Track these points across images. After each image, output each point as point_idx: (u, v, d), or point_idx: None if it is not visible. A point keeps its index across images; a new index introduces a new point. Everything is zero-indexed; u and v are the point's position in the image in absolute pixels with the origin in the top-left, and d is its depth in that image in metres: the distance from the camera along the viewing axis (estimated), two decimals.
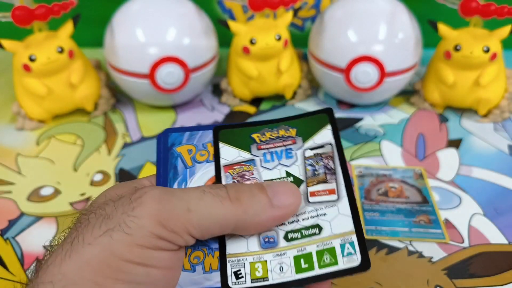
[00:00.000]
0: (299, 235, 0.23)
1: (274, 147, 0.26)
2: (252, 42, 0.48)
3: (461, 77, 0.48)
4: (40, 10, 0.47)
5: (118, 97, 0.55)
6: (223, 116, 0.53)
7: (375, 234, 0.38)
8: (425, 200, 0.41)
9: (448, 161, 0.46)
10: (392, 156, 0.46)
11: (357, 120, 0.51)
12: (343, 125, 0.50)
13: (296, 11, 0.51)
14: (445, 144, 0.48)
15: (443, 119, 0.51)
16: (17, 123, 0.50)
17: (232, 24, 0.49)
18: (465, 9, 0.47)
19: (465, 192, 0.42)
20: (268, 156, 0.26)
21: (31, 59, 0.46)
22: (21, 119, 0.50)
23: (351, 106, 0.54)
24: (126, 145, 0.48)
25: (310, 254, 0.23)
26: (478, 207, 0.40)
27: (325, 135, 0.26)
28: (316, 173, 0.25)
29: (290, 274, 0.23)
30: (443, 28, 0.48)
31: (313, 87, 0.56)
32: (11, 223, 0.39)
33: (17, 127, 0.50)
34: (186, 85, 0.50)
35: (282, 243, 0.23)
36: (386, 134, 0.49)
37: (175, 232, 0.21)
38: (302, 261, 0.23)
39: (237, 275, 0.23)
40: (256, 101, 0.55)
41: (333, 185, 0.24)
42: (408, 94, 0.54)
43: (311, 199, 0.24)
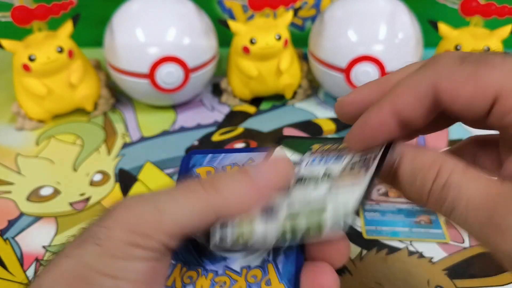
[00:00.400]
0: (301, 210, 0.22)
1: (327, 154, 0.25)
2: (252, 42, 0.48)
3: None
4: (39, 10, 0.47)
5: (118, 97, 0.55)
6: (223, 116, 0.53)
7: (376, 234, 0.38)
8: None
9: None
10: None
11: None
12: (343, 126, 0.50)
13: (296, 11, 0.51)
14: (445, 144, 0.48)
15: None
16: (17, 123, 0.50)
17: (232, 24, 0.49)
18: (465, 9, 0.47)
19: None
20: (317, 160, 0.25)
21: (31, 59, 0.46)
22: (20, 119, 0.50)
23: None
24: (126, 145, 0.48)
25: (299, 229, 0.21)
26: None
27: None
28: (352, 170, 0.24)
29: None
30: (443, 28, 0.48)
31: (313, 87, 0.56)
32: (11, 223, 0.39)
33: (16, 127, 0.50)
34: (186, 85, 0.50)
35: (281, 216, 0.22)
36: None
37: (148, 235, 0.19)
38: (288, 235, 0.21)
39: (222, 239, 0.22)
40: (256, 101, 0.54)
41: (358, 179, 0.23)
42: None
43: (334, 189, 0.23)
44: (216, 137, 0.49)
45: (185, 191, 0.21)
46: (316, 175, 0.24)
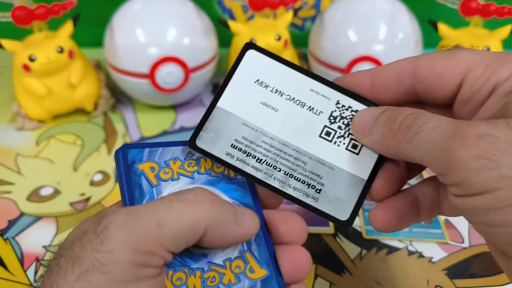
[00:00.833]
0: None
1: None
2: (252, 42, 0.48)
3: None
4: (40, 10, 0.47)
5: (118, 97, 0.55)
6: None
7: (375, 234, 0.38)
8: None
9: None
10: None
11: None
12: None
13: (296, 11, 0.51)
14: None
15: None
16: (17, 123, 0.50)
17: (232, 24, 0.49)
18: (465, 9, 0.47)
19: None
20: None
21: (31, 59, 0.46)
22: (20, 119, 0.50)
23: None
24: None
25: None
26: None
27: None
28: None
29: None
30: (443, 28, 0.48)
31: None
32: (11, 223, 0.39)
33: (16, 127, 0.50)
34: (186, 85, 0.50)
35: None
36: None
37: (152, 252, 0.19)
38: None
39: None
40: None
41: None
42: None
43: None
44: None
45: (182, 202, 0.21)
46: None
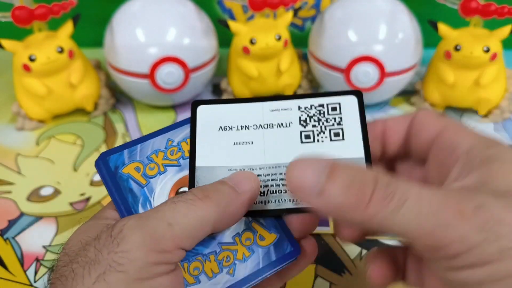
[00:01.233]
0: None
1: None
2: (252, 42, 0.48)
3: (461, 77, 0.48)
4: (40, 10, 0.47)
5: (118, 97, 0.55)
6: None
7: (375, 234, 0.38)
8: None
9: None
10: None
11: None
12: None
13: (296, 11, 0.51)
14: None
15: None
16: (17, 123, 0.50)
17: (232, 24, 0.49)
18: (465, 9, 0.47)
19: None
20: None
21: (31, 59, 0.46)
22: (21, 119, 0.50)
23: None
24: None
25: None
26: None
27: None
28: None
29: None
30: (443, 28, 0.48)
31: (313, 87, 0.56)
32: (11, 223, 0.39)
33: (17, 127, 0.50)
34: (186, 85, 0.50)
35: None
36: None
37: (167, 251, 0.20)
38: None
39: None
40: None
41: None
42: (408, 94, 0.54)
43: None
44: None
45: (184, 202, 0.22)
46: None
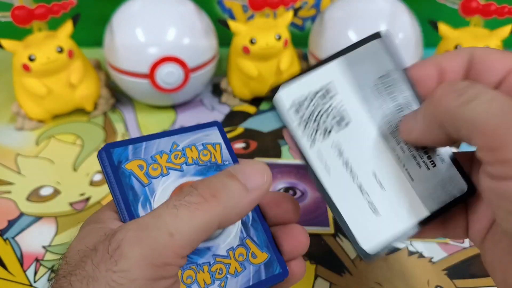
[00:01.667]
0: None
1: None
2: (252, 42, 0.48)
3: None
4: (39, 10, 0.47)
5: (118, 97, 0.55)
6: (223, 116, 0.53)
7: None
8: None
9: None
10: None
11: None
12: None
13: (296, 11, 0.51)
14: None
15: None
16: (17, 123, 0.50)
17: (232, 24, 0.49)
18: (465, 9, 0.47)
19: None
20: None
21: (31, 59, 0.46)
22: (20, 119, 0.50)
23: None
24: None
25: None
26: None
27: None
28: None
29: None
30: (443, 28, 0.48)
31: None
32: (11, 223, 0.39)
33: (16, 127, 0.50)
34: (186, 85, 0.50)
35: None
36: None
37: (168, 263, 0.19)
38: None
39: None
40: (256, 101, 0.54)
41: None
42: None
43: None
44: None
45: (188, 206, 0.20)
46: None
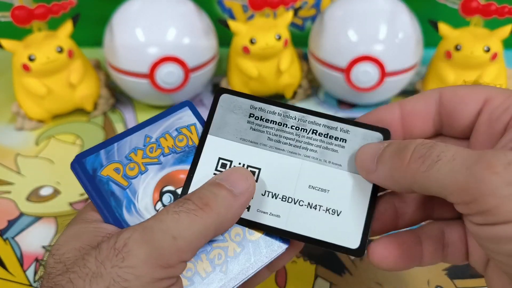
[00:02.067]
0: None
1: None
2: (252, 41, 0.48)
3: (461, 77, 0.48)
4: (39, 10, 0.47)
5: (118, 97, 0.55)
6: None
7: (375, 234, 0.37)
8: None
9: None
10: None
11: None
12: None
13: (296, 11, 0.51)
14: None
15: None
16: (17, 123, 0.50)
17: (232, 24, 0.49)
18: (465, 8, 0.47)
19: None
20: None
21: (31, 59, 0.46)
22: (20, 119, 0.50)
23: (351, 106, 0.54)
24: None
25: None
26: None
27: None
28: None
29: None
30: (444, 28, 0.48)
31: (313, 87, 0.56)
32: (11, 223, 0.39)
33: (16, 127, 0.50)
34: (186, 85, 0.50)
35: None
36: None
37: (171, 265, 0.20)
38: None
39: None
40: None
41: None
42: (409, 94, 0.54)
43: None
44: None
45: (187, 212, 0.21)
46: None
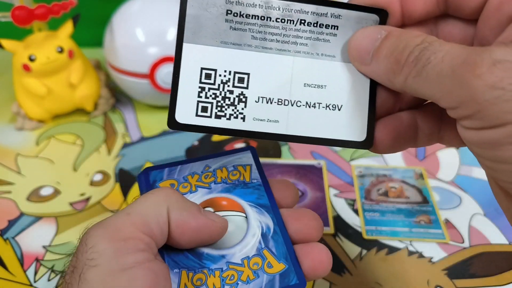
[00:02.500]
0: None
1: None
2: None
3: None
4: (40, 10, 0.47)
5: (118, 97, 0.55)
6: None
7: (375, 234, 0.38)
8: (426, 200, 0.41)
9: (448, 161, 0.45)
10: (392, 156, 0.46)
11: None
12: None
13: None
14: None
15: None
16: (17, 123, 0.50)
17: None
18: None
19: (466, 192, 0.42)
20: None
21: (31, 59, 0.46)
22: (20, 119, 0.50)
23: None
24: (125, 145, 0.48)
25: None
26: (478, 207, 0.40)
27: None
28: None
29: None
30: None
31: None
32: (11, 223, 0.39)
33: (16, 127, 0.50)
34: None
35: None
36: None
37: (129, 237, 0.21)
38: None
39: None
40: None
41: None
42: None
43: None
44: (216, 138, 0.49)
45: (145, 196, 0.23)
46: None
